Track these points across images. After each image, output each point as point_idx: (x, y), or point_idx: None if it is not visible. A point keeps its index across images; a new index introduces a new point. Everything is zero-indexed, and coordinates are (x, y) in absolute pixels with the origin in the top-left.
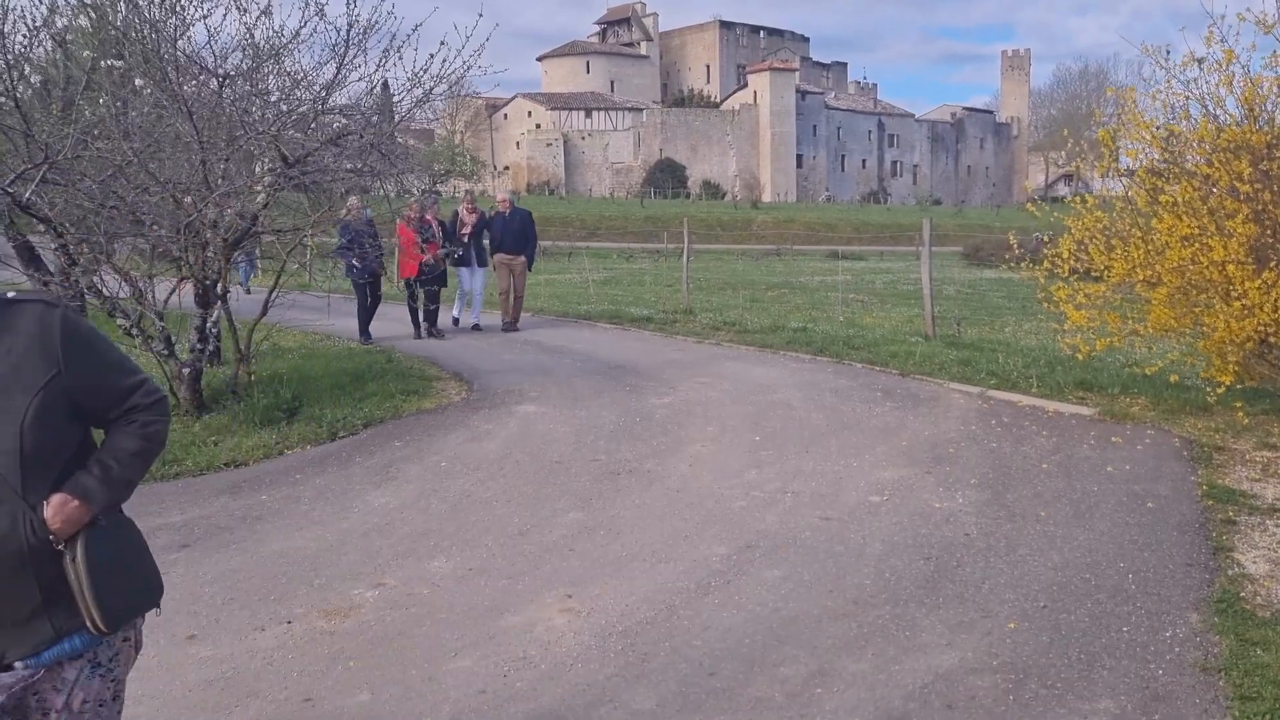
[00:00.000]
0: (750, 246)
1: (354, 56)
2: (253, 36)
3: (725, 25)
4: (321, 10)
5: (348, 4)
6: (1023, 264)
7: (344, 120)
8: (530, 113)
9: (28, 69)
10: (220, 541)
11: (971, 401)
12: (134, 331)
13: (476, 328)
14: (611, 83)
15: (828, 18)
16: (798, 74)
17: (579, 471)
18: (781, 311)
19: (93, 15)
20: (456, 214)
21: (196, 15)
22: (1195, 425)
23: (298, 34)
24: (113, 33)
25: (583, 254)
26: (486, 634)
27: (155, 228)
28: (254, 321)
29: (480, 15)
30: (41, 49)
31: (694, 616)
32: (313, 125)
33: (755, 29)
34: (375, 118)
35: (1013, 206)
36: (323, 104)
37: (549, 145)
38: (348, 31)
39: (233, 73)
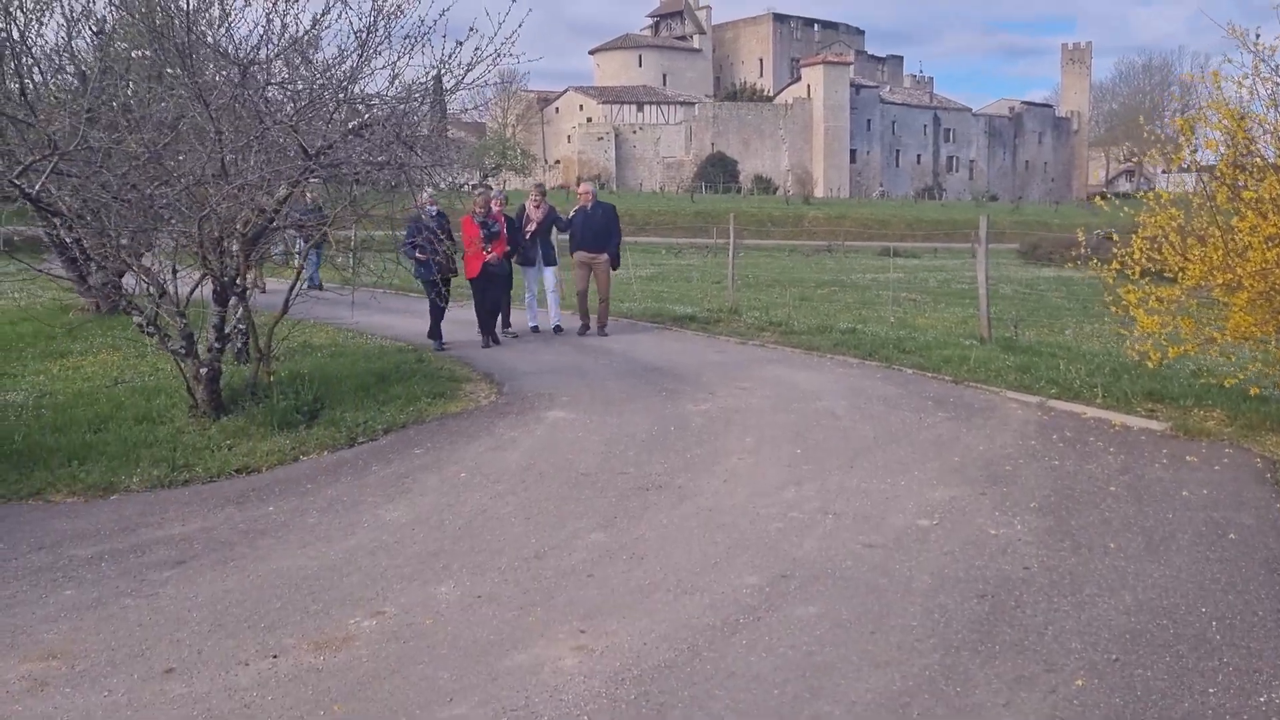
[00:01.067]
0: (802, 243)
1: (379, 44)
2: (270, 23)
3: (779, 18)
4: None
5: None
6: (1089, 263)
7: (365, 110)
8: (581, 106)
9: (66, 59)
10: (217, 558)
11: (1030, 413)
12: (149, 329)
13: (558, 329)
14: (664, 76)
15: (884, 10)
16: (852, 67)
17: (605, 486)
18: (830, 311)
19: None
20: (523, 209)
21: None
22: (1279, 444)
23: (318, 19)
24: (146, 22)
25: (631, 249)
26: (488, 675)
27: (173, 221)
28: (275, 320)
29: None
30: (81, 39)
31: (718, 660)
32: (334, 116)
33: (809, 22)
34: (402, 107)
35: (1071, 203)
36: (345, 93)
37: (600, 139)
38: (373, 18)
39: (252, 60)
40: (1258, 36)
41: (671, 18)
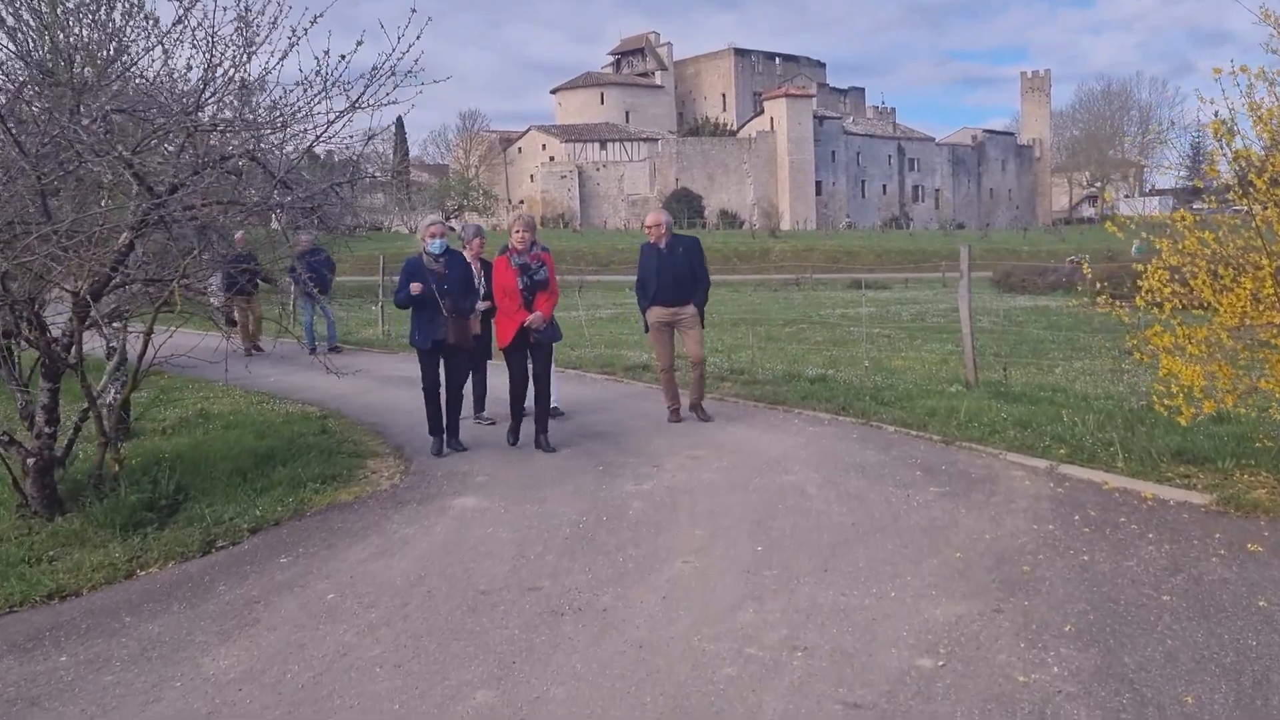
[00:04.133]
0: (768, 276)
1: (236, 55)
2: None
3: (740, 53)
4: None
5: None
6: (1096, 296)
7: (218, 135)
8: (544, 145)
9: None
10: None
11: (1040, 483)
12: None
13: (557, 411)
14: (626, 113)
15: (843, 43)
16: (815, 99)
17: (509, 610)
18: (799, 353)
19: None
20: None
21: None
22: None
23: (166, 31)
24: None
25: (592, 289)
26: None
27: None
28: (124, 394)
29: (414, 11)
30: None
31: None
32: (185, 147)
33: (770, 56)
34: (277, 136)
35: (1038, 229)
36: (193, 118)
37: (563, 177)
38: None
39: (85, 84)
40: None
41: (633, 55)
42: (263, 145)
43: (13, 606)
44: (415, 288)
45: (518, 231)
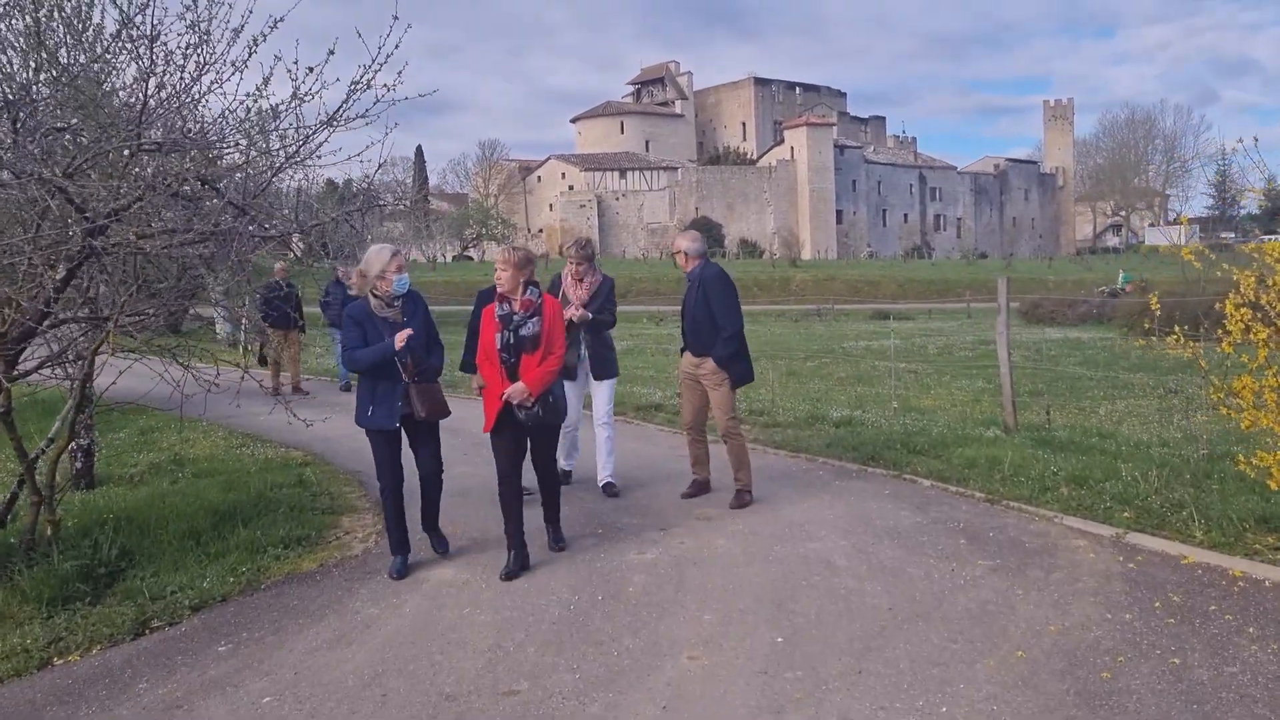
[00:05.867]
0: (789, 306)
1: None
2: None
3: (760, 82)
4: None
5: None
6: (1166, 338)
7: (163, 157)
8: (564, 174)
9: None
10: None
11: (1107, 556)
12: None
13: (610, 489)
14: (646, 142)
15: (864, 72)
16: (835, 129)
17: None
18: (822, 390)
19: None
20: (557, 280)
21: None
22: None
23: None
24: None
25: None
26: None
27: None
28: (56, 450)
29: (395, 18)
30: None
31: None
32: (128, 167)
33: (791, 85)
34: (235, 157)
35: (1063, 258)
36: (136, 133)
37: (582, 206)
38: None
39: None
40: None
41: (653, 84)
42: (219, 167)
43: None
44: (400, 338)
45: (500, 268)
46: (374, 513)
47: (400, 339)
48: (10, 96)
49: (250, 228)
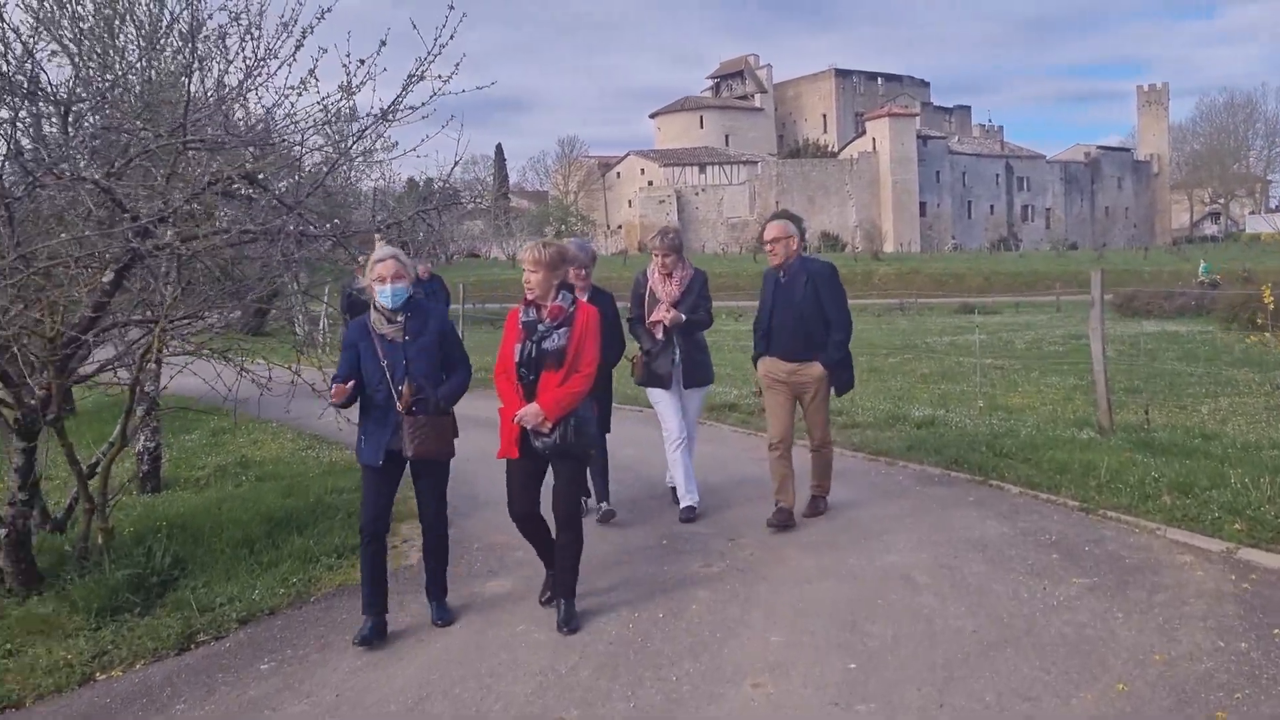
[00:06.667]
0: (871, 301)
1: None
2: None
3: (841, 73)
4: None
5: None
6: None
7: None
8: (643, 170)
9: None
10: None
11: (1217, 574)
12: None
13: (689, 513)
14: (726, 136)
15: (948, 61)
16: (918, 119)
17: None
18: (904, 388)
19: None
20: (641, 278)
21: None
22: None
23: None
24: None
25: None
26: None
27: None
28: (109, 455)
29: (451, 7)
30: None
31: None
32: (177, 166)
33: (872, 76)
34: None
35: (1159, 248)
36: (184, 132)
37: (661, 202)
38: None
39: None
40: None
41: (732, 78)
42: (265, 165)
43: None
44: (337, 392)
45: (530, 269)
46: None
47: (336, 393)
48: (63, 95)
49: (296, 227)
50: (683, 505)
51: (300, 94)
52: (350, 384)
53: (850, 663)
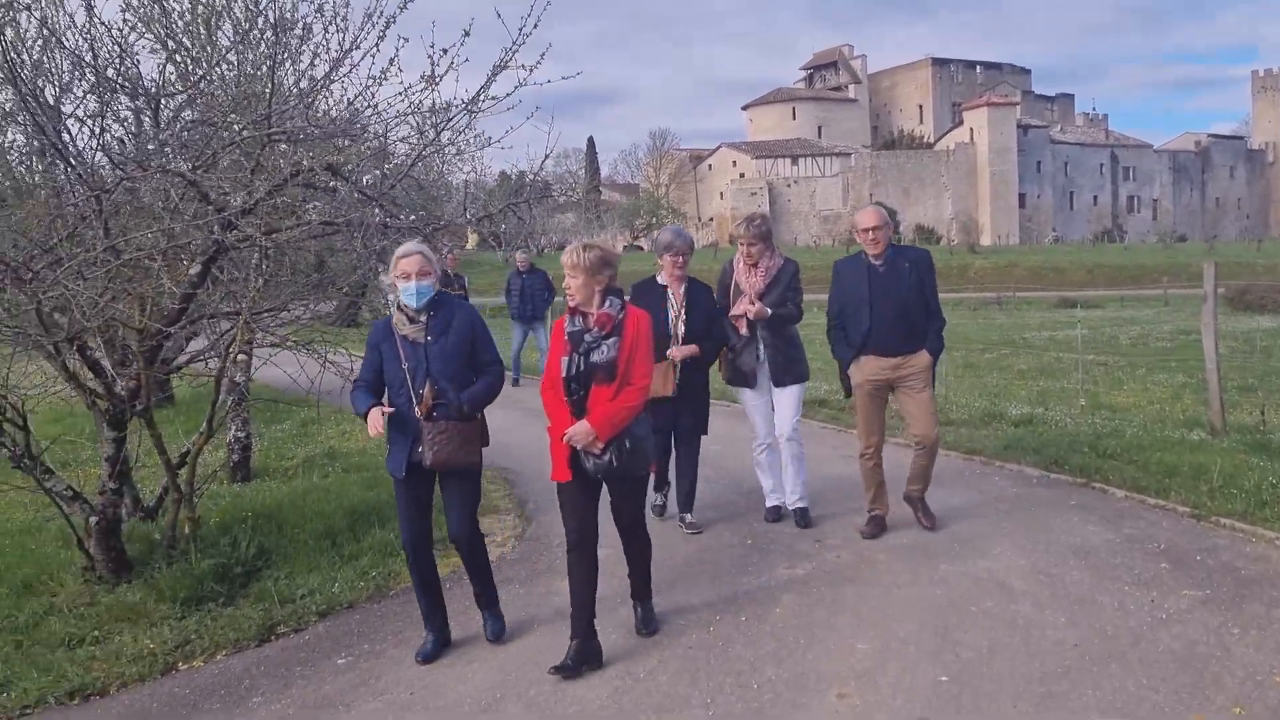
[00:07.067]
0: (967, 294)
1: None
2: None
3: (938, 62)
4: None
5: None
6: None
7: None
8: (735, 162)
9: None
10: None
11: None
12: (25, 462)
13: (803, 516)
14: (819, 128)
15: (1050, 48)
16: (1018, 108)
17: None
18: (1001, 384)
19: None
20: (728, 267)
21: None
22: None
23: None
24: None
25: None
26: None
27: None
28: (197, 445)
29: None
30: None
31: None
32: (260, 158)
33: (971, 64)
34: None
35: (1273, 239)
36: (268, 124)
37: (753, 194)
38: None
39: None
40: None
41: (826, 69)
42: (349, 156)
43: (25, 707)
44: (372, 426)
45: (570, 274)
46: (517, 514)
47: (373, 425)
48: (152, 89)
49: (379, 219)
50: (768, 505)
51: (381, 84)
52: (380, 411)
53: (941, 674)
